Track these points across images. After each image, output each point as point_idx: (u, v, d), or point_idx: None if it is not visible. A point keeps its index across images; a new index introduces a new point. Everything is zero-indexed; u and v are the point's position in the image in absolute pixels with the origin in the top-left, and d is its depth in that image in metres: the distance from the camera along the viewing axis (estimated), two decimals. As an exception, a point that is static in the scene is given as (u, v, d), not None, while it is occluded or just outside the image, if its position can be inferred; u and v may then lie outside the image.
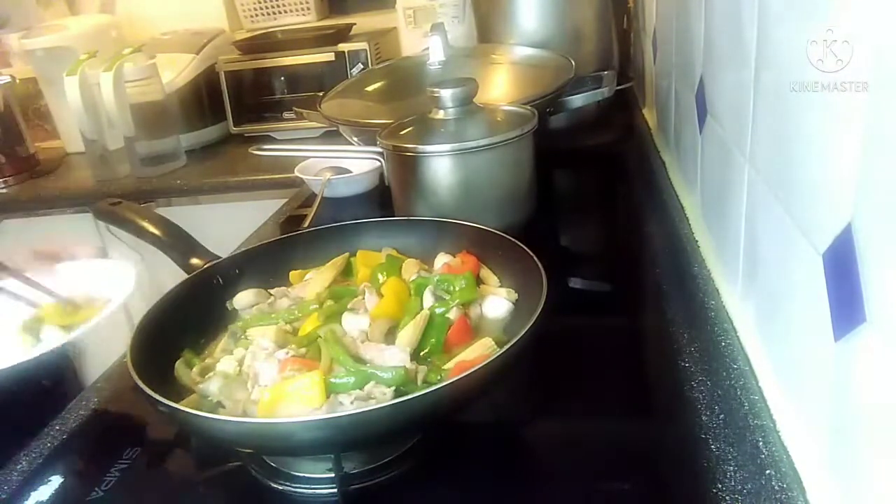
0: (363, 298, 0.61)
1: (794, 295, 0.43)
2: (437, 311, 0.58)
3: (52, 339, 0.75)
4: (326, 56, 1.61)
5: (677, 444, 0.51)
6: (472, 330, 0.58)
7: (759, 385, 0.51)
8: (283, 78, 1.67)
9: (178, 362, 0.57)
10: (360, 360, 0.52)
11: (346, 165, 1.07)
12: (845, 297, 0.34)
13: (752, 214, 0.53)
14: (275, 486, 0.51)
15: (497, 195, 0.79)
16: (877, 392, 0.31)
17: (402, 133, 0.82)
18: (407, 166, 0.80)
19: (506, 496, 0.48)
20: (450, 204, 0.78)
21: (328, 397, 0.48)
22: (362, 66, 1.58)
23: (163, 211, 1.51)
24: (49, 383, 0.80)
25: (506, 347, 0.47)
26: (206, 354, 0.59)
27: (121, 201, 0.75)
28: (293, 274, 0.69)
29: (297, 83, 1.66)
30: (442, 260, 0.67)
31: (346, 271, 0.69)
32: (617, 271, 0.83)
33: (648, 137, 1.18)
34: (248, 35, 1.82)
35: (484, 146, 0.76)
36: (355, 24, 1.77)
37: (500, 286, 0.64)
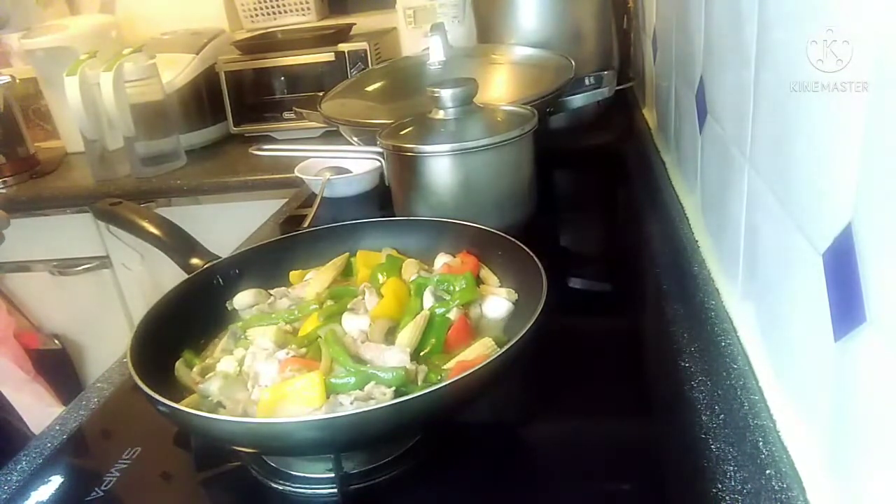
0: (363, 298, 0.61)
1: (794, 295, 0.43)
2: (437, 311, 0.58)
3: None
4: (326, 56, 1.61)
5: (677, 444, 0.51)
6: (472, 330, 0.58)
7: (759, 385, 0.51)
8: (283, 78, 1.67)
9: (178, 362, 0.57)
10: (360, 360, 0.52)
11: (346, 165, 1.07)
12: (845, 297, 0.34)
13: (752, 214, 0.53)
14: (275, 486, 0.51)
15: (497, 195, 0.79)
16: (877, 392, 0.31)
17: (402, 133, 0.82)
18: (407, 166, 0.80)
19: (506, 496, 0.48)
20: (450, 204, 0.78)
21: (328, 397, 0.48)
22: (362, 67, 1.58)
23: (163, 211, 1.52)
24: None
25: (506, 347, 0.47)
26: (206, 354, 0.59)
27: (121, 201, 0.75)
28: (293, 274, 0.69)
29: (297, 83, 1.66)
30: (442, 260, 0.68)
31: (346, 271, 0.69)
32: (617, 271, 0.83)
33: (648, 137, 1.18)
34: (248, 35, 1.82)
35: (484, 146, 0.76)
36: (355, 24, 1.77)
37: (500, 286, 0.64)
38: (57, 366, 1.75)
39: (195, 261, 0.67)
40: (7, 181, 1.70)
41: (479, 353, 0.53)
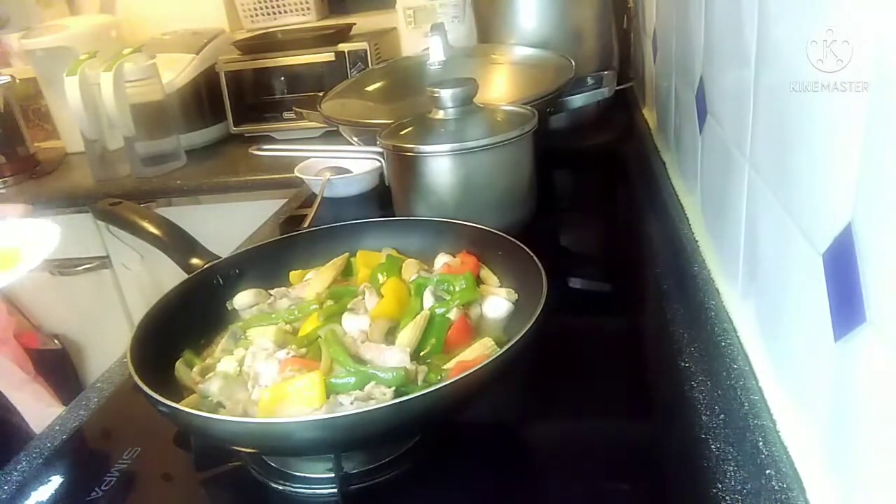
0: (363, 298, 0.61)
1: (794, 295, 0.43)
2: (437, 311, 0.58)
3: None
4: (326, 56, 1.61)
5: (677, 444, 0.51)
6: (472, 330, 0.58)
7: (759, 385, 0.51)
8: (283, 78, 1.67)
9: (178, 362, 0.57)
10: (360, 360, 0.52)
11: (346, 165, 1.07)
12: (845, 297, 0.34)
13: (752, 214, 0.53)
14: (275, 486, 0.51)
15: (497, 195, 0.79)
16: (877, 392, 0.31)
17: (402, 133, 0.82)
18: (407, 166, 0.80)
19: (506, 496, 0.48)
20: (450, 204, 0.78)
21: (328, 397, 0.48)
22: (362, 67, 1.58)
23: (163, 211, 1.51)
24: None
25: (506, 347, 0.47)
26: (206, 354, 0.59)
27: (121, 201, 0.75)
28: (293, 274, 0.69)
29: (297, 83, 1.66)
30: (442, 260, 0.68)
31: (346, 271, 0.69)
32: (617, 271, 0.83)
33: (648, 137, 1.18)
34: (248, 35, 1.82)
35: (484, 146, 0.76)
36: (355, 24, 1.77)
37: (500, 286, 0.64)
38: (57, 366, 1.75)
39: (195, 261, 0.67)
40: (7, 181, 1.70)
41: (479, 353, 0.53)
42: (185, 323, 0.60)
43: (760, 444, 0.45)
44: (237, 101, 1.71)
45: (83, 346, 1.82)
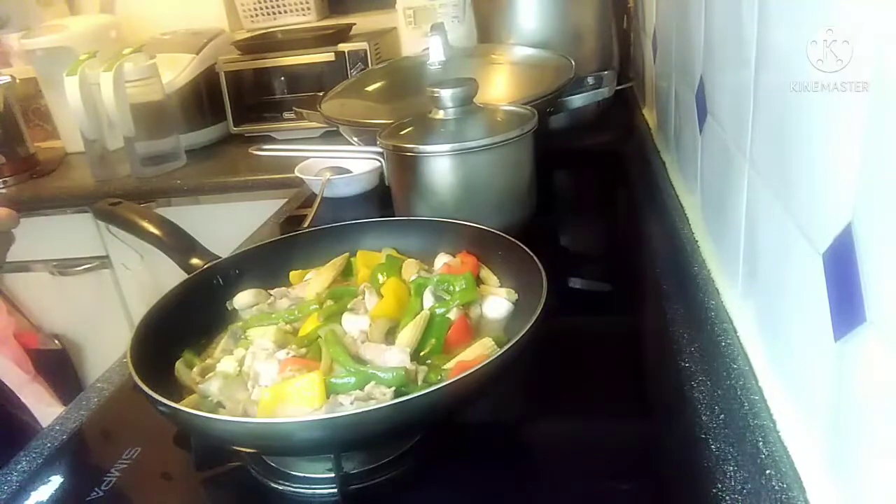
0: (363, 298, 0.61)
1: (794, 295, 0.43)
2: (437, 311, 0.58)
3: None
4: (326, 56, 1.61)
5: (677, 444, 0.51)
6: (472, 330, 0.58)
7: (759, 385, 0.51)
8: (283, 78, 1.67)
9: (178, 362, 0.57)
10: (360, 360, 0.52)
11: (346, 165, 1.07)
12: (845, 297, 0.34)
13: (752, 214, 0.53)
14: (275, 486, 0.51)
15: (497, 195, 0.79)
16: (877, 392, 0.31)
17: (402, 133, 0.82)
18: (407, 166, 0.80)
19: (506, 496, 0.48)
20: (450, 204, 0.78)
21: (328, 397, 0.48)
22: (362, 67, 1.58)
23: (163, 211, 1.51)
24: None
25: (506, 347, 0.47)
26: (206, 354, 0.59)
27: (121, 201, 0.75)
28: (293, 274, 0.69)
29: (297, 83, 1.66)
30: (442, 260, 0.68)
31: (346, 271, 0.69)
32: (617, 271, 0.83)
33: (648, 137, 1.18)
34: (248, 35, 1.82)
35: (484, 146, 0.76)
36: (355, 24, 1.77)
37: (500, 286, 0.64)
38: (57, 366, 1.75)
39: (195, 261, 0.67)
40: (7, 181, 1.70)
41: (478, 353, 0.53)
42: (185, 323, 0.60)
43: (760, 444, 0.45)
44: (237, 101, 1.71)
45: (83, 346, 1.82)
